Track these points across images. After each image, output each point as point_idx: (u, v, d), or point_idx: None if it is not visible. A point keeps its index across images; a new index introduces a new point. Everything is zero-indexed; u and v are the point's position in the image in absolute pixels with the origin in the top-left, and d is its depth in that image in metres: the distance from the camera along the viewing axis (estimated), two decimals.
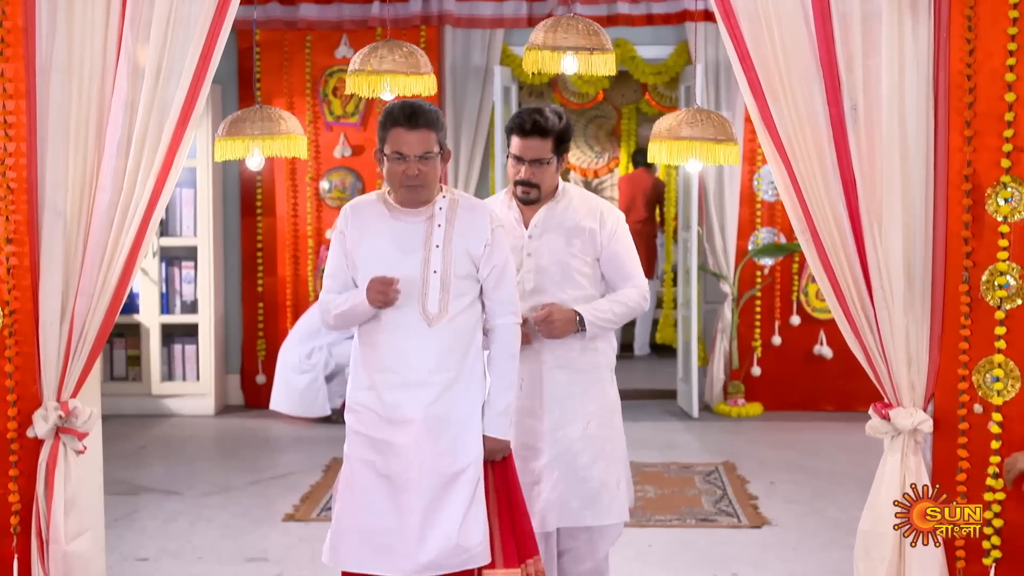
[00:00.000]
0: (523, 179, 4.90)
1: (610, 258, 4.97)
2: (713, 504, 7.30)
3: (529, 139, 4.83)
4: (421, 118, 4.37)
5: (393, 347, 4.47)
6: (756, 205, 9.86)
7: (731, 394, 9.90)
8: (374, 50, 5.15)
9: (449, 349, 4.46)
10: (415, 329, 4.45)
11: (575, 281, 4.93)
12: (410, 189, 4.43)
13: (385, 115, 4.43)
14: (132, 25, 4.59)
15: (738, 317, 9.91)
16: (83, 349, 4.69)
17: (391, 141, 4.40)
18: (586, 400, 4.93)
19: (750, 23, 4.51)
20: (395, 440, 4.46)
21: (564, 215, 4.96)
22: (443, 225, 4.49)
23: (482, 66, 9.83)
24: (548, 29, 4.74)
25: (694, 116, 4.87)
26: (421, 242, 4.48)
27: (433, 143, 4.41)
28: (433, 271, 4.46)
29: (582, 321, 4.84)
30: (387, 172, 4.45)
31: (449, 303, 4.46)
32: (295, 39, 9.86)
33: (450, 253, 4.47)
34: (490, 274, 4.54)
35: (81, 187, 4.63)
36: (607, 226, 4.96)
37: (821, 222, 4.53)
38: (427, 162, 4.40)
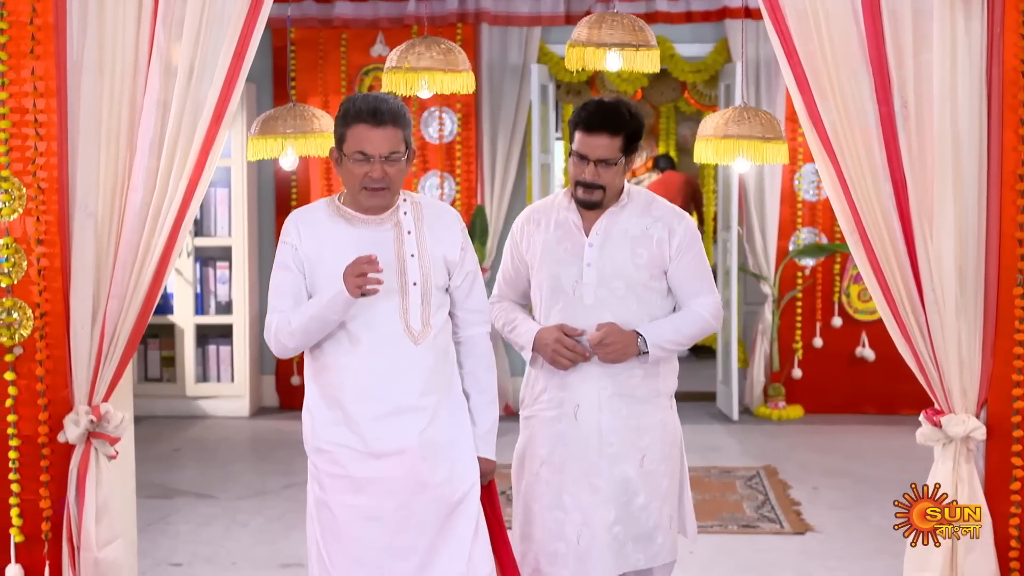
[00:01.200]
0: (586, 180, 4.39)
1: (679, 271, 4.48)
2: (755, 510, 7.18)
3: (596, 135, 4.34)
4: (387, 114, 3.93)
5: (375, 371, 4.01)
6: (797, 205, 9.72)
7: (771, 397, 9.76)
8: (411, 47, 5.04)
9: (435, 368, 4.07)
10: (400, 349, 4.01)
11: (640, 296, 4.45)
12: (373, 194, 3.99)
13: (344, 109, 3.99)
14: (164, 23, 4.50)
15: (779, 319, 9.77)
16: (115, 352, 4.61)
17: (352, 139, 3.95)
18: (643, 432, 4.45)
19: (797, 19, 4.40)
20: (384, 475, 4.02)
21: (630, 221, 4.47)
22: (413, 231, 4.08)
23: (519, 64, 9.72)
24: (592, 25, 4.61)
25: (741, 114, 4.74)
26: (392, 252, 4.03)
27: (400, 142, 3.97)
28: (412, 283, 4.04)
29: (645, 343, 4.38)
30: (346, 174, 4.01)
31: (431, 317, 4.06)
32: (330, 37, 9.77)
33: (427, 262, 4.07)
34: (463, 281, 4.17)
35: (113, 187, 4.55)
36: (677, 235, 4.47)
37: (870, 223, 4.42)
38: (393, 163, 3.96)
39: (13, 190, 4.53)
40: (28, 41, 4.52)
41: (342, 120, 3.99)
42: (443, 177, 9.70)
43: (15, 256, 4.56)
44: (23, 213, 4.56)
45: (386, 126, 3.92)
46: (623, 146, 4.37)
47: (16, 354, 4.61)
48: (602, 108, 4.36)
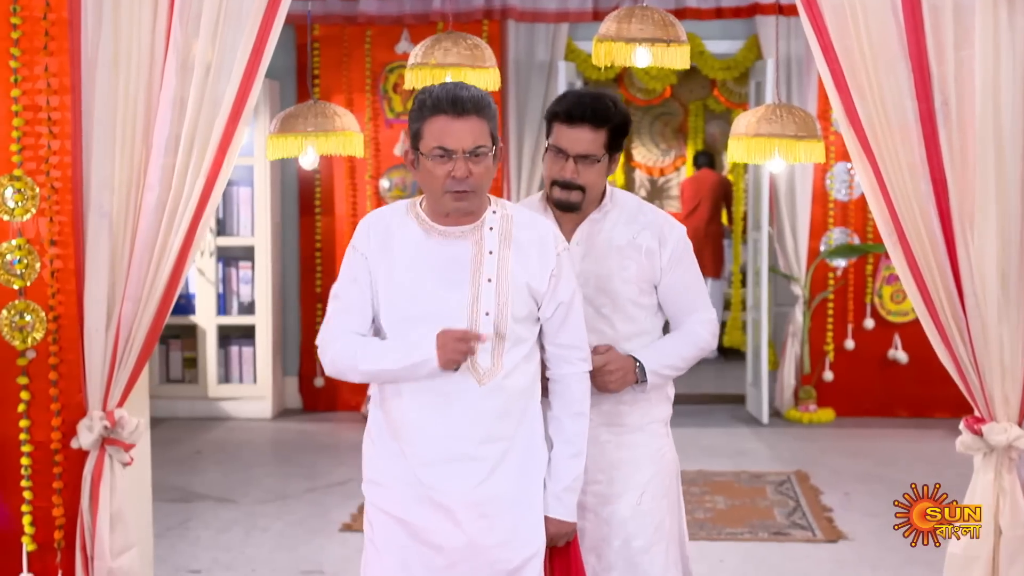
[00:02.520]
0: (565, 178, 3.88)
1: (672, 285, 4.01)
2: (786, 516, 7.03)
3: (577, 128, 3.87)
4: (470, 102, 3.43)
5: (429, 411, 3.52)
6: (829, 204, 9.57)
7: (802, 400, 9.61)
8: (437, 42, 4.90)
9: (503, 413, 3.52)
10: (461, 389, 3.49)
11: (628, 313, 3.97)
12: (457, 197, 3.46)
13: (420, 101, 3.48)
14: (181, 18, 4.37)
15: (810, 320, 9.62)
16: (130, 356, 4.49)
17: (431, 133, 3.44)
18: (639, 466, 3.97)
19: (834, 13, 4.24)
20: (437, 527, 3.55)
21: (615, 229, 3.98)
22: (495, 251, 3.52)
23: (546, 61, 9.59)
24: (621, 19, 4.44)
25: (775, 112, 4.57)
26: (468, 273, 3.51)
27: (486, 135, 3.46)
28: (485, 313, 3.49)
29: (643, 370, 3.91)
30: (424, 177, 3.50)
31: (504, 355, 3.51)
32: (354, 34, 9.65)
33: (506, 288, 3.51)
34: (555, 312, 3.59)
35: (128, 187, 4.43)
36: (668, 244, 3.98)
37: (909, 224, 4.26)
38: (479, 160, 3.44)
39: (26, 189, 4.42)
40: (41, 37, 4.41)
41: (417, 113, 3.49)
42: None
43: (28, 257, 4.45)
44: (36, 213, 4.45)
45: (469, 116, 3.43)
46: (607, 141, 3.90)
47: (29, 358, 4.51)
48: (584, 98, 3.92)
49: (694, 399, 9.93)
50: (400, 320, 3.53)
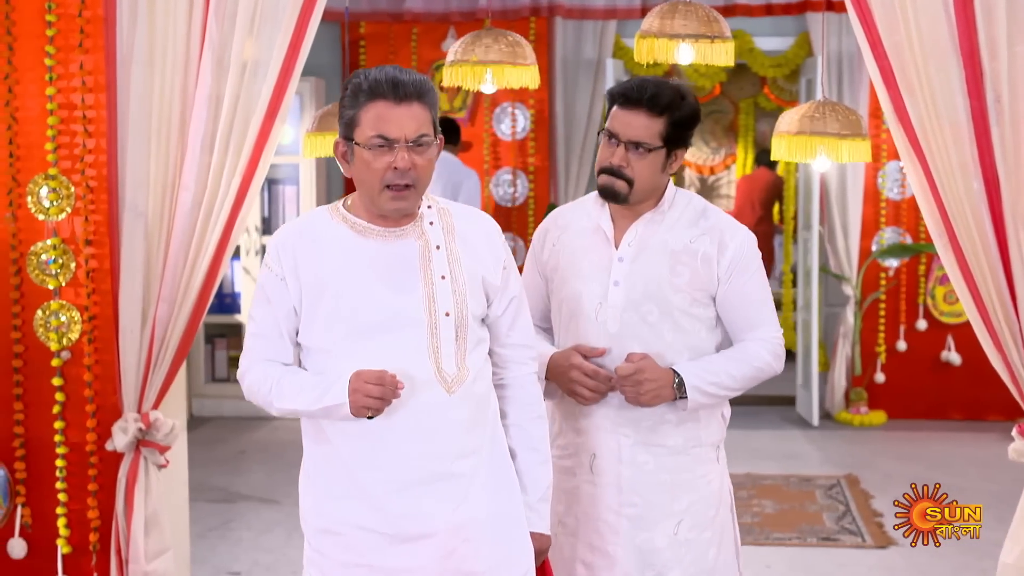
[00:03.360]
0: (612, 165, 3.54)
1: (732, 296, 3.61)
2: (835, 521, 6.90)
3: (633, 111, 3.53)
4: (412, 86, 3.04)
5: (397, 429, 3.09)
6: (880, 203, 9.41)
7: (853, 402, 9.47)
8: (478, 39, 4.80)
9: (473, 423, 3.14)
10: (429, 399, 3.08)
11: (678, 324, 3.58)
12: (397, 193, 3.06)
13: (355, 85, 3.07)
14: (217, 15, 4.32)
15: (861, 321, 9.48)
16: (165, 358, 4.45)
17: (369, 120, 3.04)
18: (677, 492, 3.59)
19: (883, 7, 4.13)
20: (414, 564, 3.12)
21: (672, 232, 3.61)
22: (443, 246, 3.16)
23: (594, 59, 9.49)
24: (664, 15, 4.30)
25: (820, 109, 4.44)
26: (418, 272, 3.12)
27: (429, 123, 3.08)
28: (444, 313, 3.11)
29: (682, 385, 3.51)
30: (359, 171, 3.09)
31: (467, 357, 3.14)
32: (401, 32, 9.59)
33: (462, 284, 3.15)
34: (507, 309, 3.26)
35: (163, 186, 4.39)
36: (729, 251, 3.59)
37: (960, 225, 4.14)
38: (422, 150, 3.06)
39: (61, 188, 4.39)
40: (77, 34, 4.39)
41: (352, 98, 3.08)
42: (515, 174, 9.49)
43: (63, 257, 4.42)
44: (71, 213, 4.43)
45: (411, 102, 3.04)
46: (664, 132, 3.53)
47: (64, 359, 4.48)
48: (648, 81, 3.57)
49: (743, 400, 9.68)
50: (348, 336, 3.09)
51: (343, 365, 3.06)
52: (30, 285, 4.46)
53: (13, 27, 4.40)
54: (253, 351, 3.23)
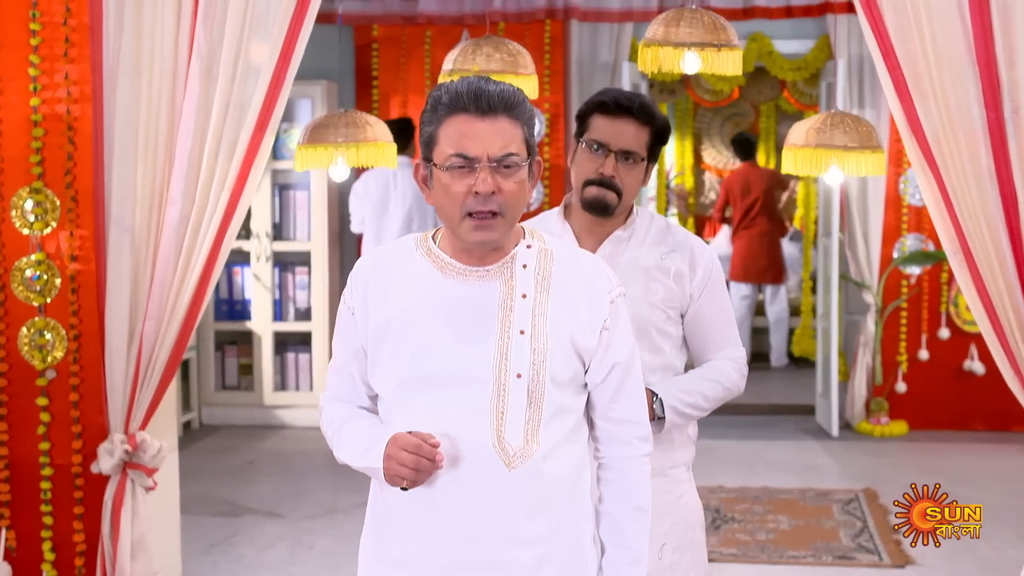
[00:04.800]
0: (604, 175, 3.42)
1: (700, 314, 3.53)
2: (852, 539, 6.72)
3: (623, 120, 3.44)
4: (498, 97, 2.63)
5: (443, 505, 2.68)
6: (902, 210, 9.23)
7: (874, 412, 9.29)
8: (478, 47, 4.70)
9: (539, 507, 2.70)
10: (484, 475, 2.66)
11: (654, 344, 3.48)
12: (480, 222, 2.63)
13: (435, 99, 2.67)
14: (205, 23, 4.20)
15: (882, 329, 9.30)
16: (152, 377, 4.32)
17: (448, 137, 2.63)
18: (660, 514, 3.34)
19: (895, 14, 3.98)
20: None
21: (640, 250, 3.52)
22: (531, 295, 2.72)
23: (610, 62, 9.33)
24: (669, 23, 4.16)
25: (832, 121, 4.28)
26: (494, 323, 2.70)
27: (519, 141, 2.66)
28: (516, 375, 2.67)
29: (661, 406, 3.41)
30: (440, 197, 2.68)
31: (540, 429, 2.68)
32: (414, 34, 9.45)
33: (544, 343, 2.70)
34: (608, 377, 2.80)
35: (150, 200, 4.27)
36: (699, 269, 3.52)
37: (975, 239, 3.99)
38: (510, 173, 2.63)
39: (46, 202, 4.28)
40: (62, 43, 4.28)
41: (431, 113, 2.68)
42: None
43: (48, 273, 4.31)
44: (56, 227, 4.32)
45: (497, 116, 2.63)
46: (649, 142, 3.48)
47: (49, 378, 4.38)
48: (628, 93, 3.52)
49: (761, 409, 9.66)
50: (402, 387, 2.72)
51: (397, 420, 2.70)
52: (14, 302, 4.34)
53: None
54: (329, 388, 2.94)
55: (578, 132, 3.54)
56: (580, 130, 3.53)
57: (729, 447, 8.58)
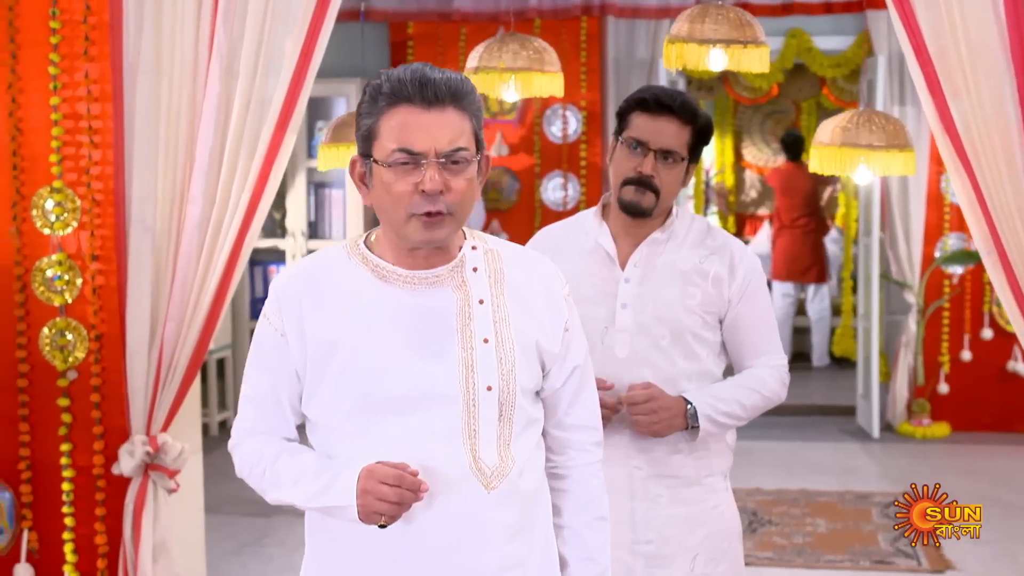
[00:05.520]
0: (643, 174, 3.32)
1: (739, 320, 3.42)
2: (891, 543, 6.62)
3: (663, 118, 3.33)
4: (445, 86, 2.38)
5: (418, 537, 2.44)
6: (944, 208, 9.09)
7: (915, 413, 9.16)
8: (503, 45, 4.62)
9: (518, 528, 2.51)
10: (463, 500, 2.43)
11: (690, 349, 3.37)
12: (429, 219, 2.39)
13: (374, 88, 2.42)
14: (225, 20, 4.14)
15: (924, 330, 9.17)
16: (173, 378, 4.28)
17: (390, 131, 2.39)
18: (694, 524, 3.39)
19: (927, 10, 3.88)
20: None
21: (679, 252, 3.41)
22: (488, 299, 2.50)
23: (647, 59, 9.24)
24: (694, 19, 4.07)
25: (860, 119, 4.17)
26: (454, 333, 2.47)
27: (468, 134, 2.42)
28: (486, 387, 2.45)
29: (694, 414, 3.32)
30: (380, 197, 2.43)
31: (512, 443, 2.49)
32: (449, 32, 9.38)
33: (510, 351, 2.49)
34: (568, 380, 2.63)
35: (171, 199, 4.22)
36: (739, 274, 3.41)
37: (1011, 241, 3.90)
38: (459, 169, 2.40)
39: (66, 202, 4.24)
40: (82, 41, 4.24)
41: (370, 104, 2.42)
42: (567, 178, 9.25)
43: (69, 273, 4.27)
44: (77, 227, 4.28)
45: (444, 107, 2.38)
46: (690, 142, 3.37)
47: (70, 379, 4.34)
48: (669, 90, 3.41)
49: (801, 410, 9.54)
50: (358, 412, 2.44)
51: (351, 449, 2.43)
52: (35, 302, 4.32)
53: (16, 34, 4.26)
54: (245, 419, 2.59)
55: (617, 130, 3.43)
56: (620, 128, 3.42)
57: (768, 448, 8.48)
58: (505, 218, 9.18)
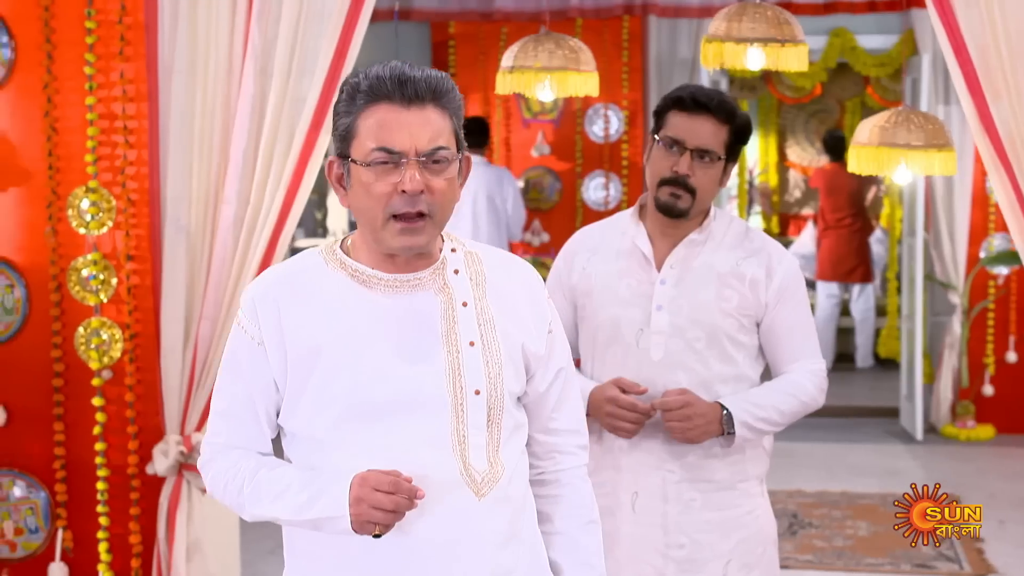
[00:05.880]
0: (679, 173, 3.28)
1: (777, 324, 3.37)
2: (932, 546, 6.54)
3: (700, 117, 3.30)
4: (424, 84, 2.33)
5: (410, 547, 2.36)
6: (989, 208, 8.98)
7: (960, 415, 9.06)
8: (539, 43, 4.60)
9: (509, 535, 2.45)
10: (455, 508, 2.37)
11: (726, 353, 3.34)
12: (408, 224, 2.33)
13: (352, 86, 2.37)
14: (260, 20, 4.13)
15: (968, 331, 9.07)
16: (208, 378, 4.28)
17: (368, 129, 2.33)
18: (728, 529, 3.36)
19: (966, 7, 3.83)
20: None
21: (716, 254, 3.38)
22: (472, 302, 2.45)
23: (689, 58, 9.19)
24: (732, 18, 4.04)
25: (898, 118, 4.12)
26: (439, 337, 2.41)
27: (449, 133, 2.37)
28: (474, 392, 2.39)
29: (730, 420, 3.28)
30: (358, 197, 2.36)
31: (501, 449, 2.43)
32: (491, 32, 9.36)
33: (495, 354, 2.44)
34: (553, 383, 2.57)
35: (205, 199, 4.22)
36: (776, 276, 3.36)
37: None
38: (440, 169, 2.35)
39: (102, 202, 4.24)
40: (117, 42, 4.24)
41: (347, 103, 2.37)
42: (608, 177, 9.22)
43: (104, 273, 4.27)
44: (112, 227, 4.28)
45: (424, 105, 2.33)
46: (728, 141, 3.33)
47: (105, 378, 4.34)
48: (707, 88, 3.39)
49: (844, 412, 9.46)
50: (342, 421, 2.37)
51: (337, 459, 2.36)
52: (71, 302, 4.32)
53: (52, 35, 4.26)
54: (218, 435, 2.50)
55: (654, 129, 3.40)
56: (656, 127, 3.39)
57: (809, 450, 8.42)
58: (546, 218, 9.16)
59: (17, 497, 4.43)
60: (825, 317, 11.29)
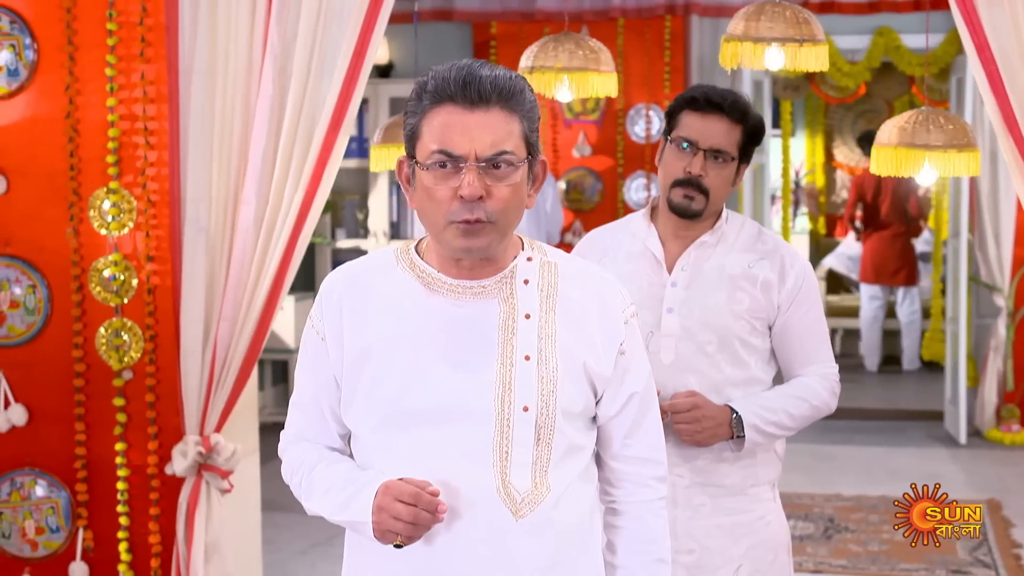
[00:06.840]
0: (692, 174, 3.25)
1: (789, 328, 3.33)
2: (969, 552, 6.47)
3: (712, 117, 3.27)
4: (491, 84, 2.21)
5: (445, 561, 2.30)
6: None
7: (1004, 419, 8.96)
8: (559, 43, 4.53)
9: (551, 562, 2.33)
10: (489, 526, 2.28)
11: (737, 356, 3.30)
12: (468, 230, 2.24)
13: (419, 86, 2.29)
14: (279, 21, 4.12)
15: (1014, 333, 8.96)
16: (227, 379, 4.28)
17: (431, 131, 2.25)
18: (738, 535, 3.31)
19: (989, 6, 3.77)
20: None
21: (728, 256, 3.33)
22: (536, 314, 2.34)
23: None
24: (749, 17, 3.96)
25: (919, 119, 4.05)
26: (494, 348, 2.32)
27: (516, 137, 2.25)
28: (522, 408, 2.29)
29: (740, 424, 3.24)
30: (421, 200, 2.29)
31: (550, 470, 2.32)
32: (532, 32, 9.28)
33: (553, 370, 2.32)
34: (625, 408, 2.45)
35: (225, 200, 4.22)
36: (789, 279, 3.31)
37: None
38: (503, 175, 2.25)
39: (122, 203, 4.26)
40: (138, 43, 4.26)
41: (415, 103, 2.29)
42: (649, 178, 9.17)
43: (124, 274, 4.29)
44: (133, 228, 4.29)
45: (489, 107, 2.22)
46: (741, 141, 3.29)
47: (125, 379, 4.36)
48: (720, 90, 3.34)
49: (889, 415, 9.39)
50: (385, 425, 2.33)
51: (380, 463, 2.32)
52: (92, 302, 4.34)
53: (74, 36, 4.28)
54: (291, 425, 2.52)
55: (667, 129, 3.36)
56: (669, 127, 3.35)
57: (851, 453, 8.34)
58: (587, 218, 9.11)
59: (39, 496, 4.45)
60: (868, 319, 11.21)
